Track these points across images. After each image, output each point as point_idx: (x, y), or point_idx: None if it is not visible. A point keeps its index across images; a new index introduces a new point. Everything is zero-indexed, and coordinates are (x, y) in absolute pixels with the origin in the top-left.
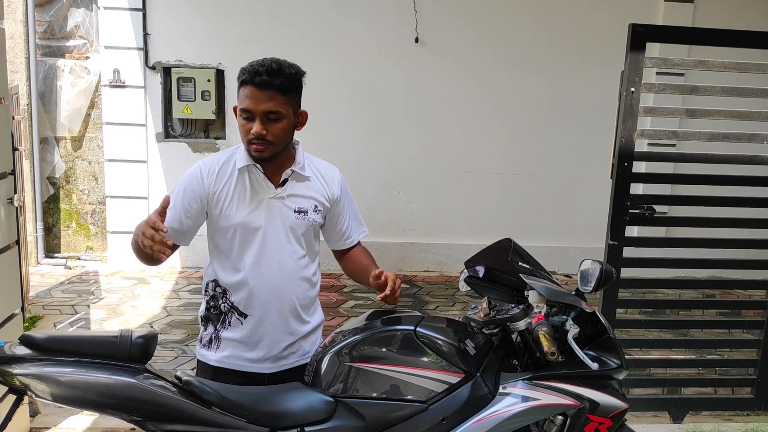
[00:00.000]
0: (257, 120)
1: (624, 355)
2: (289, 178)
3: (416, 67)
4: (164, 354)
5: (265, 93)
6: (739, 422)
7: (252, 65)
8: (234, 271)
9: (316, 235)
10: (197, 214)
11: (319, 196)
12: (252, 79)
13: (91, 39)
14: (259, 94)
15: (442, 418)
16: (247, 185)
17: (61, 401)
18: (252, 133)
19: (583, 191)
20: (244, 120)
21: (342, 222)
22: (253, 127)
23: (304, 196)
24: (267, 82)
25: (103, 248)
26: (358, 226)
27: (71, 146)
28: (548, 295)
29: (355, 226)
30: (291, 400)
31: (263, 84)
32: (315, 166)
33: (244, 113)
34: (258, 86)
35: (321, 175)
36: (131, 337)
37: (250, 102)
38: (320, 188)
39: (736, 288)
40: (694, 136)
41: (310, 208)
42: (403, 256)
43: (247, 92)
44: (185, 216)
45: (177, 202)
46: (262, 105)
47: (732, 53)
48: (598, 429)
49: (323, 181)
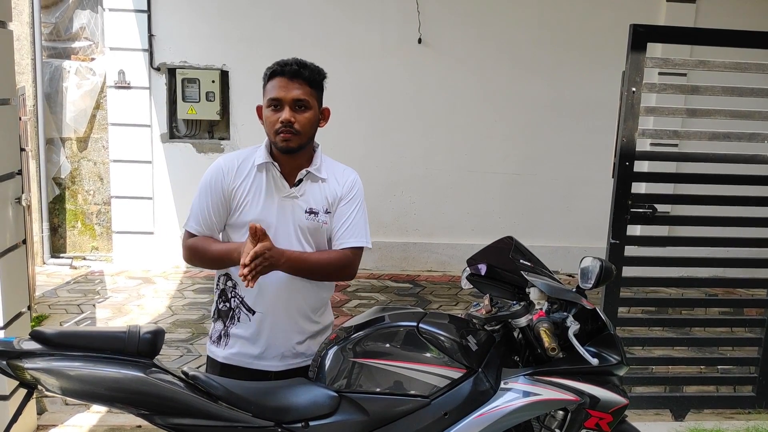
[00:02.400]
0: (286, 108)
1: (624, 352)
2: (304, 179)
3: (419, 67)
4: (169, 352)
5: (294, 82)
6: (741, 420)
7: (280, 60)
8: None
9: (327, 236)
10: (223, 209)
11: (331, 197)
12: (282, 70)
13: (97, 40)
14: (288, 84)
15: (444, 413)
16: (263, 183)
17: (70, 395)
18: (281, 120)
19: (585, 191)
20: (271, 111)
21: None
22: (282, 115)
23: (317, 197)
24: (297, 72)
25: (109, 248)
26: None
27: (77, 147)
28: (549, 291)
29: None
30: (296, 395)
31: (293, 73)
32: (332, 169)
33: (272, 102)
34: (288, 76)
35: (336, 178)
36: (139, 333)
37: (280, 90)
38: (333, 190)
39: (738, 286)
40: (696, 136)
41: (321, 210)
42: (406, 255)
43: (276, 83)
44: (214, 213)
45: (204, 201)
46: (292, 93)
47: (733, 53)
48: (598, 424)
49: (337, 182)
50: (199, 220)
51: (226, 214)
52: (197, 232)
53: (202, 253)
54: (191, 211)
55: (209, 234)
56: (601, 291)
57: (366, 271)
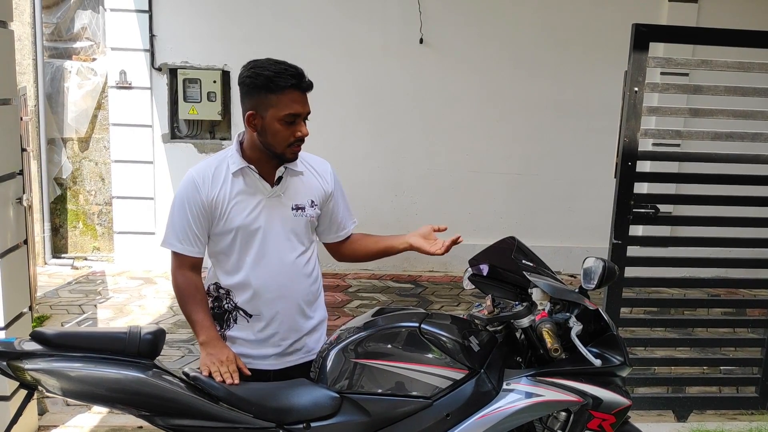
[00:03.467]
0: (303, 122)
1: (627, 352)
2: (284, 176)
3: (421, 67)
4: (171, 353)
5: (305, 96)
6: (744, 421)
7: (286, 70)
8: (235, 273)
9: (313, 230)
10: (205, 221)
11: (314, 190)
12: (299, 84)
13: (98, 41)
14: (304, 98)
15: (446, 414)
16: (243, 187)
17: (71, 396)
18: (299, 135)
19: (587, 191)
20: (286, 125)
21: (337, 214)
22: (302, 129)
23: (300, 192)
24: (310, 85)
25: (110, 248)
26: (350, 217)
27: (78, 147)
28: (551, 292)
29: (347, 216)
30: (297, 396)
31: (308, 87)
32: (306, 161)
33: (291, 117)
34: (303, 90)
35: (314, 169)
36: (140, 334)
37: (300, 106)
38: (315, 183)
39: (741, 287)
40: (698, 136)
41: (307, 204)
42: (408, 255)
43: (295, 97)
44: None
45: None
46: (307, 107)
47: (736, 53)
48: (601, 425)
49: (317, 174)
50: (180, 237)
51: (208, 225)
52: (180, 250)
53: (178, 294)
54: (169, 227)
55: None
56: (603, 291)
57: (367, 272)
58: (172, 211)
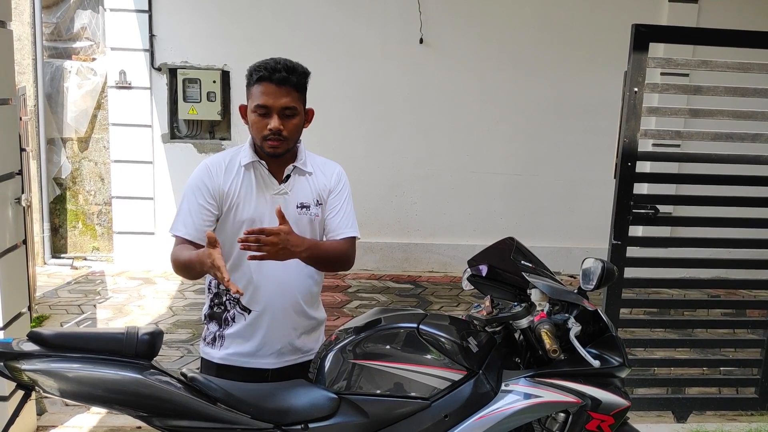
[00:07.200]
0: (275, 116)
1: (626, 353)
2: (292, 174)
3: (420, 68)
4: (170, 353)
5: (283, 89)
6: (743, 422)
7: (266, 63)
8: (237, 268)
9: (320, 230)
10: (213, 209)
11: (319, 189)
12: (270, 76)
13: (98, 40)
14: (277, 90)
15: (444, 415)
16: (252, 182)
17: (68, 397)
18: (269, 128)
19: (586, 191)
20: (258, 117)
21: (332, 215)
22: (271, 123)
23: (306, 191)
24: (285, 79)
25: (109, 249)
26: (347, 226)
27: (78, 147)
28: (550, 293)
29: (343, 224)
30: (295, 397)
31: (282, 80)
32: (317, 163)
33: (260, 109)
34: (276, 83)
35: (322, 171)
36: (137, 334)
37: (269, 98)
38: (321, 182)
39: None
40: (698, 136)
41: (312, 203)
42: (408, 256)
43: (264, 89)
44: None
45: (192, 201)
46: (281, 100)
47: (736, 53)
48: (600, 426)
49: (324, 175)
50: (187, 222)
51: (217, 214)
52: (183, 234)
53: (174, 261)
54: (178, 214)
55: (195, 236)
56: (602, 292)
57: (367, 272)
58: (182, 199)
